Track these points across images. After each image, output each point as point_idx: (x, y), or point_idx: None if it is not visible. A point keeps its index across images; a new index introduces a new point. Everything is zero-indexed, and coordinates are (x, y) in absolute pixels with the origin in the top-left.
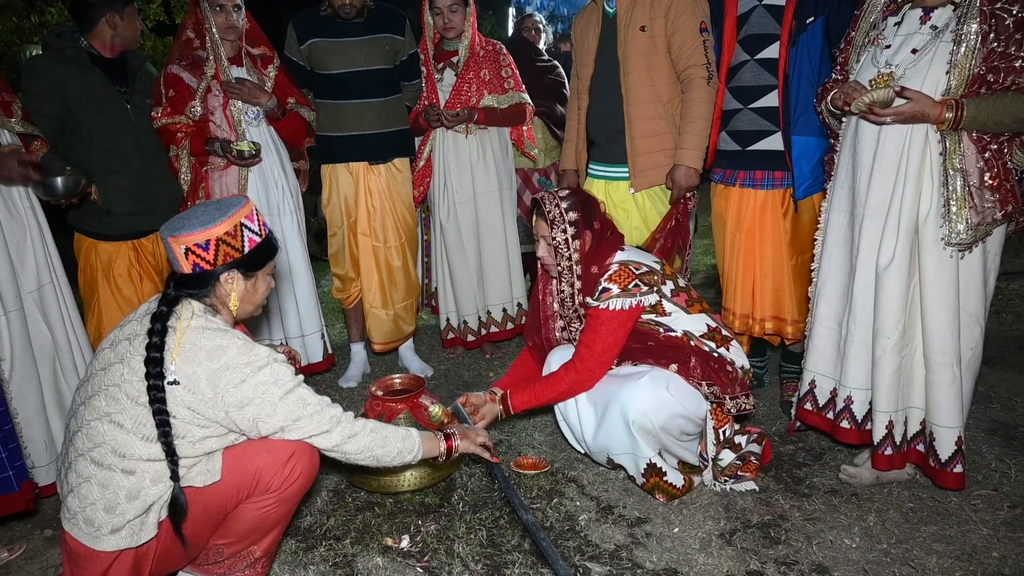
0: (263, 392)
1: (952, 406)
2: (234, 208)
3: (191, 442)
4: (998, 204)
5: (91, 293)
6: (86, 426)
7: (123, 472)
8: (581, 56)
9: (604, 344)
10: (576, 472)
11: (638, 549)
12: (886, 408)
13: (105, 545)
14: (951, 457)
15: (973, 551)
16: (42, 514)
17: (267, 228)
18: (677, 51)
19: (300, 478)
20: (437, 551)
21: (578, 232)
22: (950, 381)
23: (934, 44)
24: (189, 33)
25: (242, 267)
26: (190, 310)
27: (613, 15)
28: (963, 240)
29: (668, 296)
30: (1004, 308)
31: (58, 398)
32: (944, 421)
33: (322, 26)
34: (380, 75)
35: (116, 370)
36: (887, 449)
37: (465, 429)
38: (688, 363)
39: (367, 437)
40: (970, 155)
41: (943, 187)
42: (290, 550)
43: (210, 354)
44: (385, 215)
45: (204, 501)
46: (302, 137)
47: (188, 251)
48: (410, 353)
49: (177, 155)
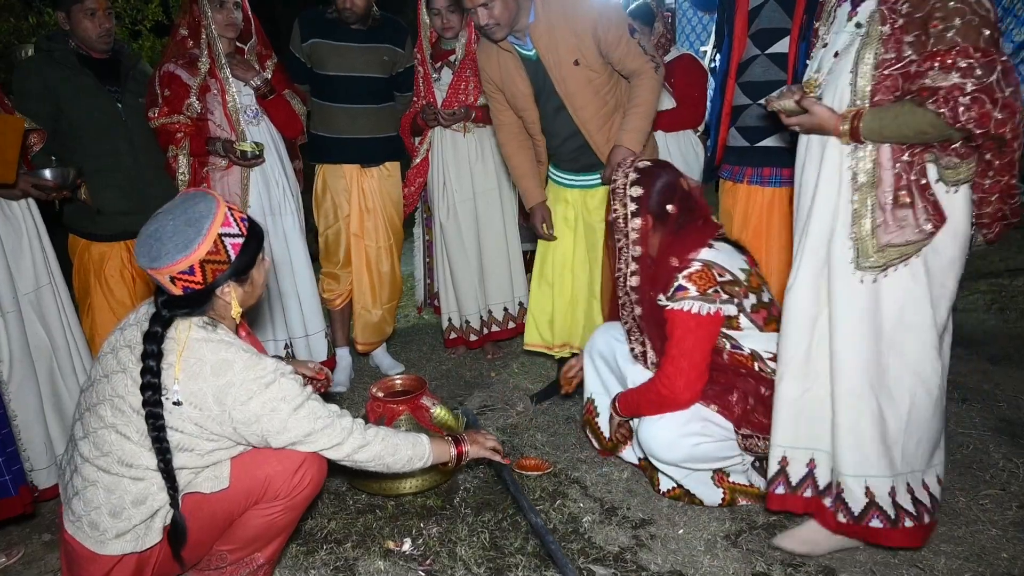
0: (272, 409)
1: (855, 453)
2: (206, 221)
3: (199, 454)
4: (914, 223)
5: (85, 294)
6: (92, 434)
7: (131, 479)
8: (516, 101)
9: (680, 349)
10: (579, 473)
11: (642, 551)
12: (781, 441)
13: (110, 549)
14: (864, 510)
15: (982, 552)
16: (40, 518)
17: (245, 220)
18: (619, 63)
19: (309, 486)
20: (439, 554)
21: (640, 210)
22: (853, 423)
23: (854, 45)
24: (183, 31)
25: (234, 275)
26: (188, 323)
27: (535, 57)
28: (873, 263)
29: (748, 310)
30: (1009, 305)
31: (56, 400)
32: (848, 469)
33: (325, 28)
34: (374, 83)
35: (119, 380)
36: (778, 487)
37: (474, 433)
38: (730, 402)
39: (379, 446)
40: (886, 169)
41: (850, 203)
42: (291, 554)
43: (215, 369)
44: (377, 216)
45: (211, 507)
46: (296, 127)
47: (174, 279)
48: (382, 352)
49: (175, 155)
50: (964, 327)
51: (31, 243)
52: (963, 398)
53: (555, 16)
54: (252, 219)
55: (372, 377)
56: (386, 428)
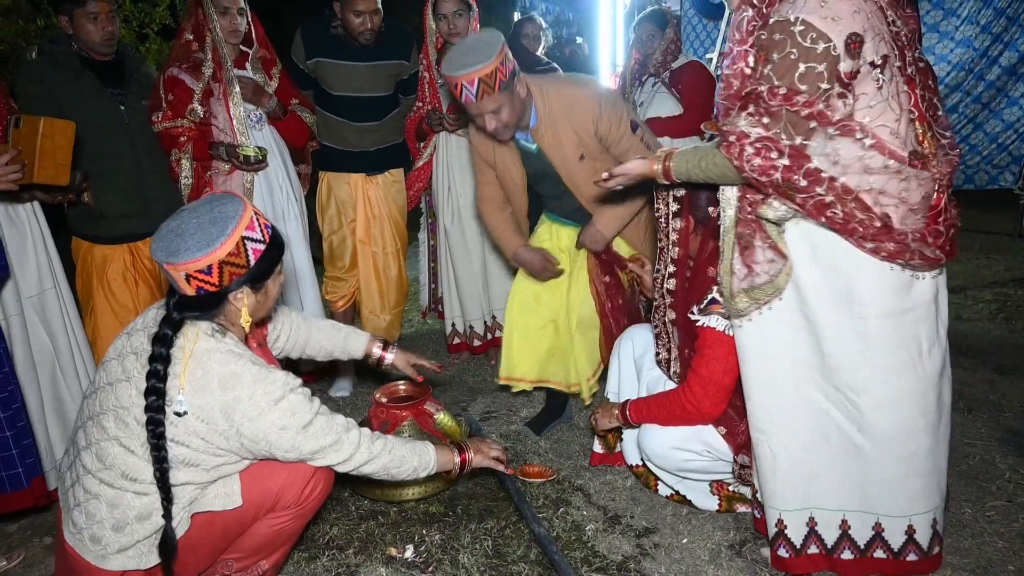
0: (281, 427)
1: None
2: (232, 222)
3: (205, 469)
4: (747, 269)
5: (88, 297)
6: (95, 445)
7: (135, 494)
8: (506, 183)
9: (710, 370)
10: (583, 480)
11: (646, 560)
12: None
13: (110, 565)
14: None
15: (989, 564)
16: (41, 521)
17: (269, 228)
18: (620, 156)
19: (319, 495)
20: (442, 561)
21: (682, 211)
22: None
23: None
24: (188, 35)
25: (250, 281)
26: (195, 331)
27: (537, 151)
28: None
29: None
30: (1015, 315)
31: (58, 404)
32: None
33: (329, 46)
34: (380, 101)
35: (124, 390)
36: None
37: (479, 442)
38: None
39: (385, 457)
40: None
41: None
42: (293, 560)
43: (223, 382)
44: (383, 222)
45: (224, 522)
46: (305, 138)
47: (189, 277)
48: None
49: (179, 159)
50: (969, 337)
51: (35, 246)
52: (968, 408)
53: (557, 116)
54: (276, 228)
55: (375, 382)
56: (392, 438)
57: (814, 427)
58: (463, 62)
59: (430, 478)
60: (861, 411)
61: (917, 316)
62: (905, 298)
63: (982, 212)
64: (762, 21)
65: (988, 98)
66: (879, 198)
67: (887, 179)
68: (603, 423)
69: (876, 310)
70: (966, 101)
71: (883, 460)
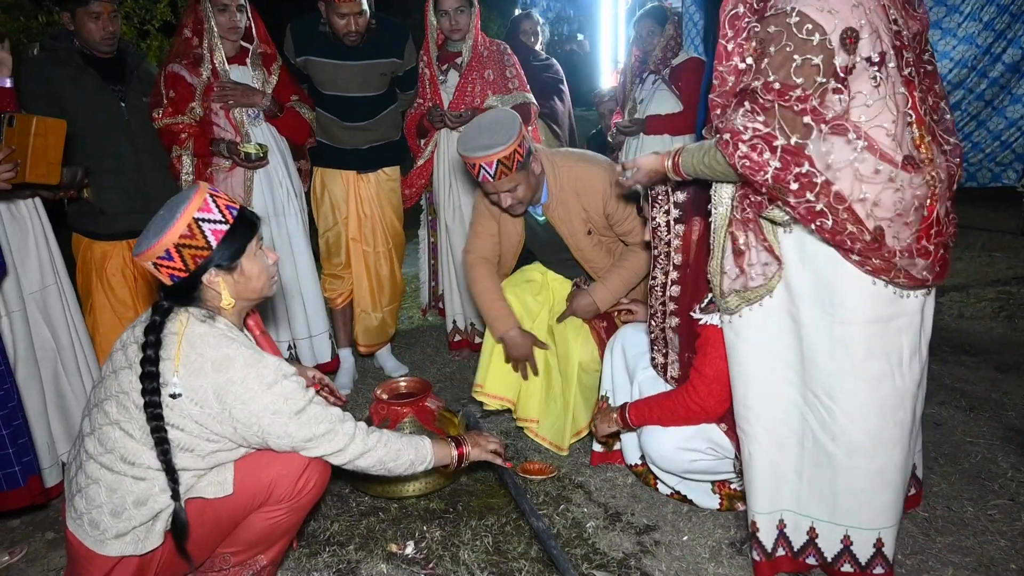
0: (273, 412)
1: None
2: (181, 206)
3: (200, 455)
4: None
5: (87, 293)
6: (98, 430)
7: (133, 478)
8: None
9: (714, 368)
10: (583, 478)
11: (647, 558)
12: None
13: (108, 550)
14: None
15: (991, 563)
16: (43, 517)
17: (233, 210)
18: (624, 235)
19: (314, 489)
20: (442, 558)
21: (684, 216)
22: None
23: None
24: (187, 32)
25: (217, 263)
26: (186, 316)
27: (544, 222)
28: (726, 305)
29: None
30: (1017, 313)
31: (60, 400)
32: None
33: (319, 44)
34: (372, 100)
35: (125, 376)
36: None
37: (476, 435)
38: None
39: (381, 450)
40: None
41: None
42: (293, 556)
43: (216, 365)
44: (375, 221)
45: (216, 512)
46: (305, 135)
47: (157, 265)
48: (386, 353)
49: (180, 156)
50: (971, 335)
51: (37, 242)
52: (971, 407)
53: (567, 194)
54: (245, 209)
55: (376, 379)
56: (388, 432)
57: (791, 429)
58: (481, 143)
59: (429, 473)
60: (835, 418)
61: (900, 325)
62: (890, 307)
63: (985, 210)
64: (756, 16)
65: (991, 95)
66: (873, 210)
67: (880, 189)
68: (603, 428)
69: (860, 316)
70: (969, 98)
71: (854, 471)
